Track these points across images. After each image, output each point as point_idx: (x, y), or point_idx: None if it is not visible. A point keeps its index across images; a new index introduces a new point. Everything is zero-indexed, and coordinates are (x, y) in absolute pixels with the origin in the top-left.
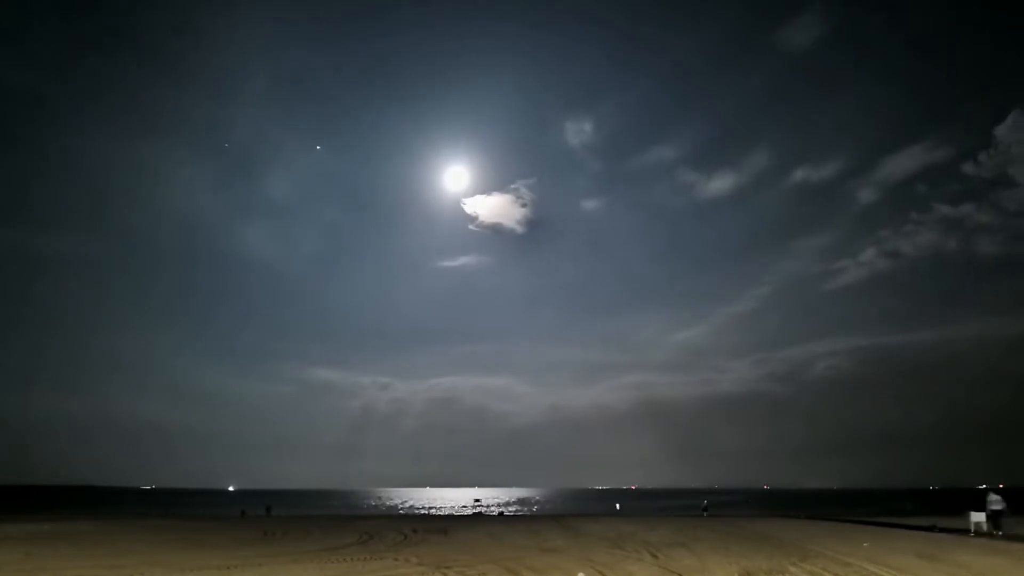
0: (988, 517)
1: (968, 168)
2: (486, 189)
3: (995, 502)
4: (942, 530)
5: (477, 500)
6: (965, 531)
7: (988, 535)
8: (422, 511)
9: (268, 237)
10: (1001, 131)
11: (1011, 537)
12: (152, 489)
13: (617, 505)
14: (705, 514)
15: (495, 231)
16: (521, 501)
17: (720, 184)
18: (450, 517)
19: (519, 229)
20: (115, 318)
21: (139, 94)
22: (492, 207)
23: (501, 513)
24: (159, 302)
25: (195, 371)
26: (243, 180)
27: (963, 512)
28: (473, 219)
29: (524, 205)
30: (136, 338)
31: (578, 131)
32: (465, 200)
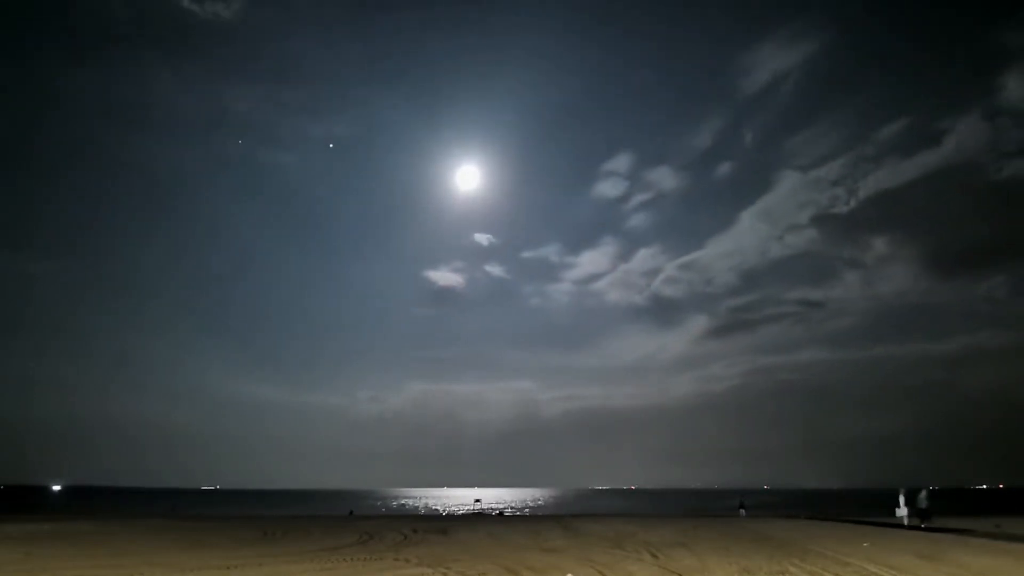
0: (916, 513)
1: None
2: (435, 266)
3: (922, 500)
4: (942, 531)
5: (477, 500)
6: (968, 531)
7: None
8: (411, 512)
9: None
10: None
11: (1011, 537)
12: (216, 489)
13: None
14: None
15: (450, 291)
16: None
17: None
18: (450, 517)
19: (468, 292)
20: (120, 323)
21: (145, 90)
22: (441, 276)
23: (501, 513)
24: (164, 306)
25: (196, 374)
26: (253, 180)
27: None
28: (433, 283)
29: (462, 275)
30: (139, 341)
31: (485, 239)
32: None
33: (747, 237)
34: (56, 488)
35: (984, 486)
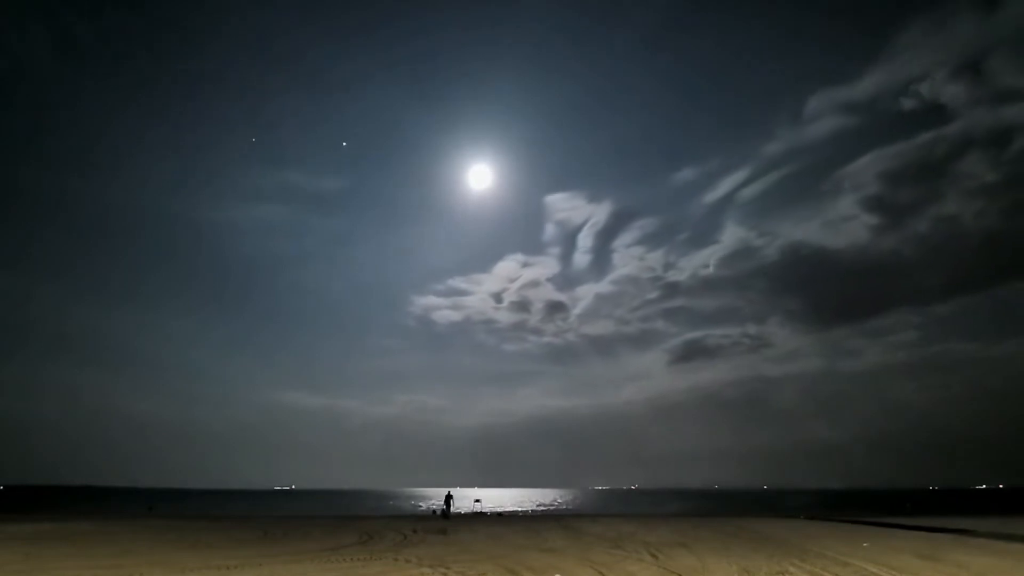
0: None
1: None
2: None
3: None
4: (942, 530)
5: (477, 500)
6: (968, 531)
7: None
8: (411, 512)
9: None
10: None
11: (1011, 537)
12: (292, 489)
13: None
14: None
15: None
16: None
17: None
18: (450, 517)
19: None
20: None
21: (159, 88)
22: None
23: (499, 514)
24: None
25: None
26: (266, 180)
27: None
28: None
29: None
30: (151, 349)
31: (426, 299)
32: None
33: (618, 298)
34: None
35: (984, 486)
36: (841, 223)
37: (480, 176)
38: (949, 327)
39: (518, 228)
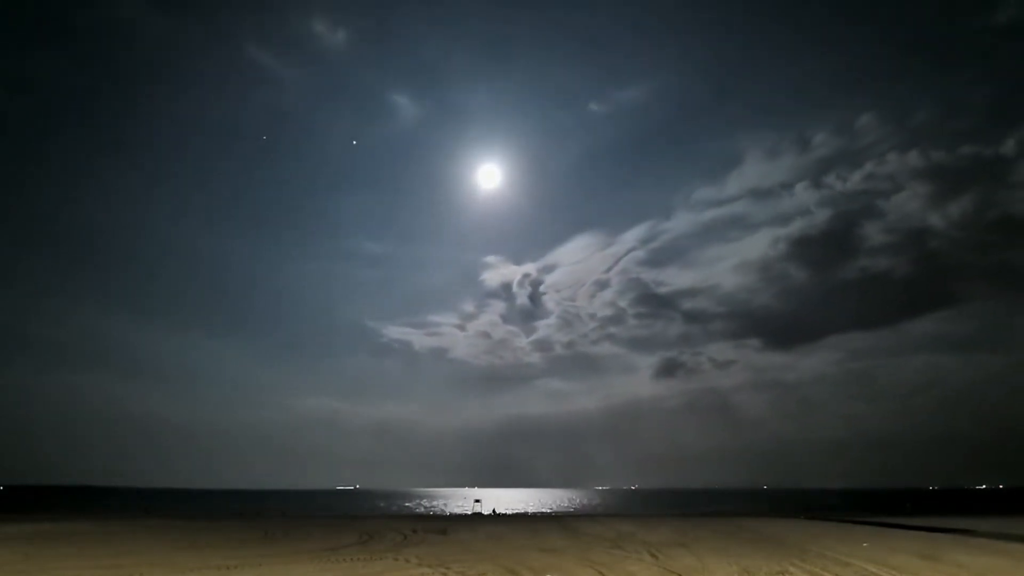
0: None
1: None
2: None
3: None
4: (943, 530)
5: (477, 500)
6: (967, 531)
7: None
8: (411, 512)
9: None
10: None
11: (1011, 537)
12: (356, 489)
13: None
14: None
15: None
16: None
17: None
18: (450, 517)
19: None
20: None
21: (164, 91)
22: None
23: (496, 512)
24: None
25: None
26: (274, 180)
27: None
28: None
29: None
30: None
31: (396, 331)
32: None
33: (567, 327)
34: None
35: (984, 486)
36: (769, 272)
37: (442, 235)
38: (872, 348)
39: (468, 280)
